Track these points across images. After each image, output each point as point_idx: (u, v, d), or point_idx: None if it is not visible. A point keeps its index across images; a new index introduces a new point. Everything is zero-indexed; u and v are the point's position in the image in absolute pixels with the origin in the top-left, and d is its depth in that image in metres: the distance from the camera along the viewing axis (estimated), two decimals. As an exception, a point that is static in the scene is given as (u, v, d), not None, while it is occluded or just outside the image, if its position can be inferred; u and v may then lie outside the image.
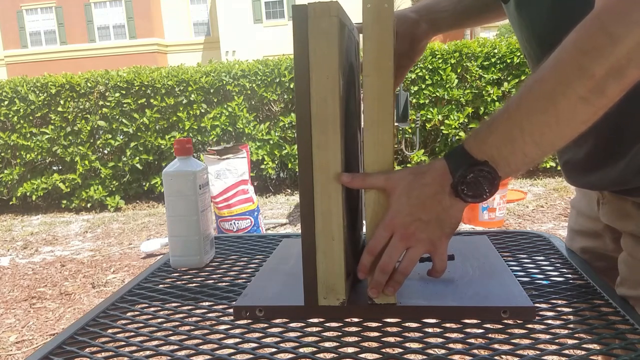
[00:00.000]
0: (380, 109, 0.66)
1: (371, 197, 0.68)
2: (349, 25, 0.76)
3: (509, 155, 0.62)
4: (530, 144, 0.60)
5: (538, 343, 0.63)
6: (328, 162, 0.67)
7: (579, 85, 0.57)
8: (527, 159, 0.62)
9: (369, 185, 0.67)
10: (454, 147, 0.66)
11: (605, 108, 0.58)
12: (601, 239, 0.90)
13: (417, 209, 0.65)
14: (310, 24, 0.65)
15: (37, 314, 2.95)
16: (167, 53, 24.99)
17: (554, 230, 3.75)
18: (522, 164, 0.63)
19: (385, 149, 0.67)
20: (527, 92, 0.60)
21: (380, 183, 0.66)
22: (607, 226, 0.85)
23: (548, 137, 0.60)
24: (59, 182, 5.57)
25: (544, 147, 0.61)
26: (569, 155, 0.83)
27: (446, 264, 0.70)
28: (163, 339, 0.70)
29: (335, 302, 0.70)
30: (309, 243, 0.69)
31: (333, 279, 0.70)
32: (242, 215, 3.76)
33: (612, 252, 0.86)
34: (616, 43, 0.54)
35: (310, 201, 0.68)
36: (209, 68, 5.42)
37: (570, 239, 1.00)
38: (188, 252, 0.98)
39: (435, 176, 0.65)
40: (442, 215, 0.65)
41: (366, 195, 0.68)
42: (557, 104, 0.58)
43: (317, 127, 0.66)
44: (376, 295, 0.70)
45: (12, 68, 24.30)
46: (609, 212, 0.82)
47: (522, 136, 0.60)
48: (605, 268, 0.87)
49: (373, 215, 0.68)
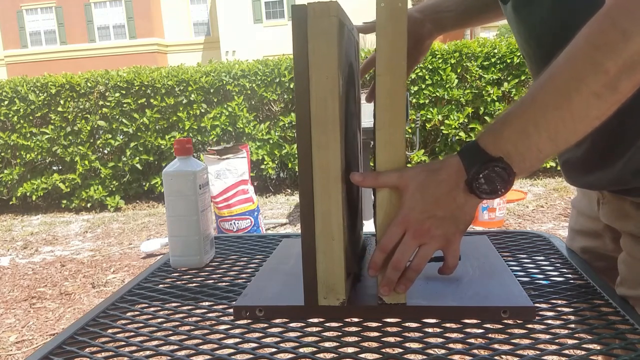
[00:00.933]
0: (393, 108, 0.65)
1: (383, 196, 0.68)
2: (348, 25, 0.76)
3: (525, 151, 0.62)
4: (545, 139, 0.60)
5: (538, 343, 0.63)
6: (328, 162, 0.67)
7: (592, 81, 0.57)
8: (541, 154, 0.62)
9: (382, 183, 0.67)
10: (467, 144, 0.65)
11: (618, 104, 0.58)
12: (601, 238, 0.89)
13: (432, 206, 0.65)
14: (309, 24, 0.64)
15: (37, 314, 2.95)
16: (167, 53, 24.99)
17: (554, 230, 3.75)
18: (537, 160, 0.62)
19: (397, 149, 0.67)
20: (540, 88, 0.60)
21: (393, 181, 0.66)
22: (607, 226, 0.85)
23: (562, 133, 0.60)
24: (59, 182, 5.57)
25: (558, 142, 0.61)
26: (568, 154, 0.83)
27: (458, 261, 0.70)
28: (163, 339, 0.70)
29: (336, 302, 0.70)
30: (309, 243, 0.69)
31: (333, 279, 0.70)
32: (242, 215, 3.76)
33: (612, 252, 0.86)
34: (628, 40, 0.55)
35: (310, 201, 0.68)
36: (209, 68, 5.42)
37: (571, 239, 1.00)
38: (188, 252, 0.98)
39: (450, 173, 0.64)
40: (457, 212, 0.65)
41: (378, 195, 0.68)
42: (571, 99, 0.58)
43: (317, 127, 0.66)
44: (388, 293, 0.69)
45: (12, 68, 24.30)
46: (609, 212, 0.82)
47: (537, 132, 0.60)
48: (605, 268, 0.87)
49: (385, 216, 0.68)
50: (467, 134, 5.19)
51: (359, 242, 0.92)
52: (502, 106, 5.08)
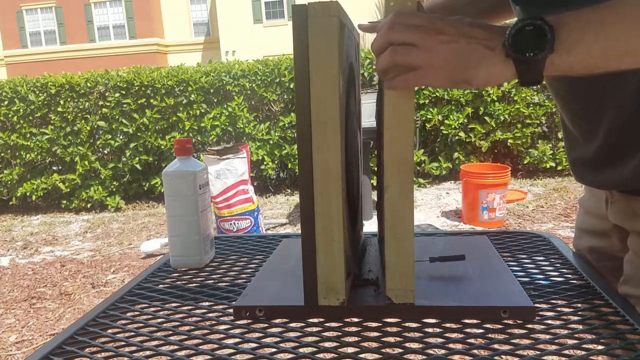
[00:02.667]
0: (401, 108, 0.65)
1: (392, 194, 0.67)
2: (348, 25, 0.76)
3: (577, 41, 0.56)
4: (597, 48, 0.56)
5: (538, 343, 0.63)
6: (328, 163, 0.67)
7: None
8: (589, 59, 0.56)
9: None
10: None
11: None
12: (609, 238, 0.89)
13: (445, 26, 0.58)
14: (310, 23, 0.64)
15: (37, 314, 2.95)
16: (167, 53, 24.98)
17: (553, 230, 3.75)
18: (581, 61, 0.57)
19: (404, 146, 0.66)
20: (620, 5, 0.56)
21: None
22: (615, 226, 0.85)
23: (617, 52, 0.56)
24: (59, 182, 5.56)
25: (609, 58, 0.56)
26: (578, 152, 0.82)
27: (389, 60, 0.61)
28: (163, 339, 0.70)
29: (336, 302, 0.70)
30: (310, 243, 0.69)
31: (333, 279, 0.70)
32: (242, 215, 3.76)
33: (619, 252, 0.85)
34: None
35: (311, 202, 0.68)
36: (209, 68, 5.42)
37: (578, 238, 1.00)
38: (188, 252, 0.98)
39: (490, 32, 0.58)
40: (469, 63, 0.58)
41: (386, 195, 0.68)
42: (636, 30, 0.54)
43: (317, 128, 0.66)
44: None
45: (12, 68, 24.28)
46: (618, 212, 0.82)
47: (596, 37, 0.56)
48: (612, 268, 0.87)
49: (393, 214, 0.67)
50: (466, 134, 5.18)
51: (359, 242, 0.92)
52: (501, 106, 5.08)
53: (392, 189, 0.67)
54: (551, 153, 5.17)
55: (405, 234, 0.68)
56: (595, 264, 0.92)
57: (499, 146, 5.31)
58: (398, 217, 0.67)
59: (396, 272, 0.70)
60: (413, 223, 0.68)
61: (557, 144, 5.20)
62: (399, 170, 0.66)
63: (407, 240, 0.68)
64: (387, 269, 0.70)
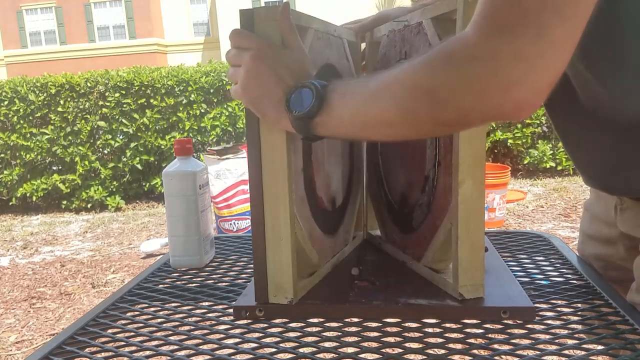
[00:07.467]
0: None
1: (466, 192, 0.67)
2: (319, 27, 0.76)
3: (335, 107, 0.59)
4: (350, 113, 0.59)
5: (538, 343, 0.63)
6: (274, 163, 0.68)
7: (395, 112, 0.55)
8: (342, 126, 0.60)
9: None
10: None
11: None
12: (615, 246, 0.85)
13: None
14: (255, 28, 0.66)
15: (37, 314, 2.95)
16: (167, 53, 24.98)
17: (553, 230, 3.75)
18: (337, 126, 0.60)
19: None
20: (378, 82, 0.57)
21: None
22: (622, 233, 0.81)
23: (360, 118, 0.59)
24: (59, 183, 5.56)
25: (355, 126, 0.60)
26: (586, 151, 0.78)
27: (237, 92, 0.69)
28: (163, 339, 0.70)
29: (284, 301, 0.72)
30: (259, 243, 0.71)
31: (281, 278, 0.71)
32: (242, 215, 3.76)
33: (624, 262, 0.82)
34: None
35: (260, 202, 0.69)
36: (209, 68, 5.42)
37: (582, 243, 0.97)
38: (188, 252, 0.98)
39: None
40: (267, 101, 0.64)
41: (460, 190, 0.67)
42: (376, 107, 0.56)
43: (263, 127, 0.68)
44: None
45: (12, 68, 24.28)
46: (629, 219, 0.78)
47: (345, 106, 0.59)
48: (618, 278, 0.84)
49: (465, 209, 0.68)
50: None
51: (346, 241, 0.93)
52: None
53: (467, 184, 0.67)
54: (551, 153, 5.17)
55: (478, 229, 0.69)
56: (601, 272, 0.88)
57: (499, 146, 5.31)
58: (472, 212, 0.68)
59: (470, 267, 0.70)
60: (484, 218, 0.69)
61: (557, 144, 5.19)
62: (474, 165, 0.67)
63: (480, 235, 0.69)
64: (460, 265, 0.70)
